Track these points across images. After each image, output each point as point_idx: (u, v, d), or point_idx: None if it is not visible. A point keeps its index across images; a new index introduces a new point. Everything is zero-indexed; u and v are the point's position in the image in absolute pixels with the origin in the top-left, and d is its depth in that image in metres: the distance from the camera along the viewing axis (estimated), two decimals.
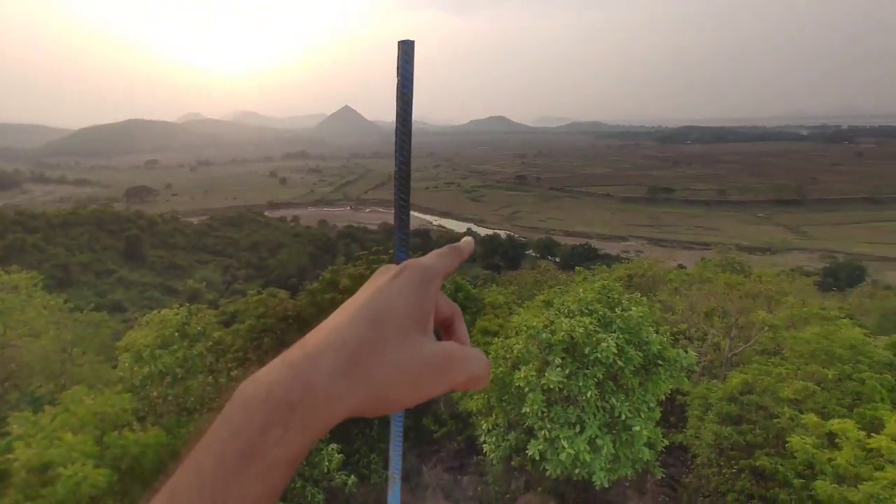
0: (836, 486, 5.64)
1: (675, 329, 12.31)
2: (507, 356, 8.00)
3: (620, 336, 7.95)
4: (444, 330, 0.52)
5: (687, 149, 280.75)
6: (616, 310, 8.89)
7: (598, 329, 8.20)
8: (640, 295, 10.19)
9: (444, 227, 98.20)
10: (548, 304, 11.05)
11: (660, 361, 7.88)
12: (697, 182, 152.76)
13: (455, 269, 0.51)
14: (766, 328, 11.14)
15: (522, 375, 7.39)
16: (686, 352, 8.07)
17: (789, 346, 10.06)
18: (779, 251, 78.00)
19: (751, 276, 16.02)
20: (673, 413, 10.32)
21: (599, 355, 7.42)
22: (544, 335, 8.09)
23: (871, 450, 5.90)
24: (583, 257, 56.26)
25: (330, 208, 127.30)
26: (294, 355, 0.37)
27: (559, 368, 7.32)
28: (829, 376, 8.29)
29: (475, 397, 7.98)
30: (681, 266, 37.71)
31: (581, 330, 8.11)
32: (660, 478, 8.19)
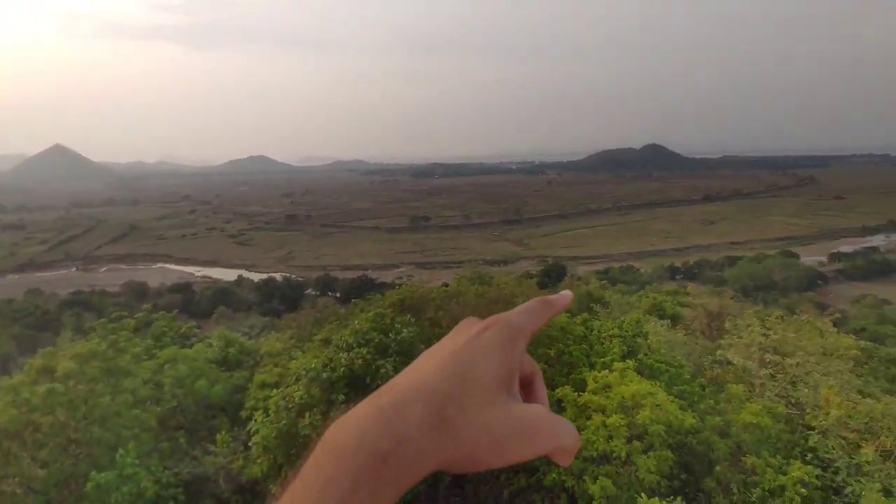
0: None
1: None
2: (290, 406, 7.50)
3: (397, 359, 8.37)
4: (523, 389, 0.48)
5: (435, 182, 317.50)
6: (390, 335, 9.32)
7: (375, 357, 8.46)
8: (409, 317, 10.93)
9: (210, 277, 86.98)
10: (326, 341, 10.86)
11: None
12: (447, 210, 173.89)
13: (543, 324, 0.48)
14: None
15: (308, 422, 7.02)
16: None
17: None
18: (511, 261, 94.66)
19: (493, 285, 18.95)
20: None
21: (379, 382, 7.65)
22: (325, 374, 7.90)
23: (582, 405, 7.58)
24: (362, 289, 57.35)
25: (45, 272, 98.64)
26: (383, 402, 0.36)
27: (343, 405, 7.23)
28: (552, 354, 10.38)
29: (259, 461, 7.17)
30: (444, 284, 41.97)
31: (360, 361, 8.22)
32: (448, 481, 8.80)
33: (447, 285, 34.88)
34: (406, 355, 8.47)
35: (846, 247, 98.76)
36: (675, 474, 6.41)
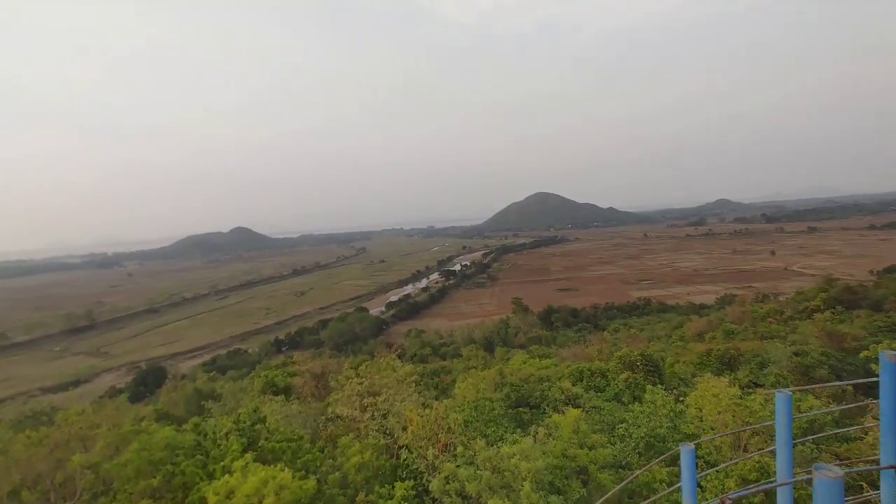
0: None
1: None
2: None
3: None
4: None
5: None
6: None
7: None
8: None
9: None
10: None
11: None
12: None
13: None
14: (87, 470, 9.71)
15: None
16: None
17: (116, 476, 9.22)
18: (87, 380, 71.43)
19: (56, 422, 13.55)
20: None
21: None
22: None
23: None
24: None
25: None
26: None
27: None
28: (156, 483, 8.25)
29: None
30: None
31: None
32: None
33: None
34: None
35: (393, 296, 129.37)
36: None
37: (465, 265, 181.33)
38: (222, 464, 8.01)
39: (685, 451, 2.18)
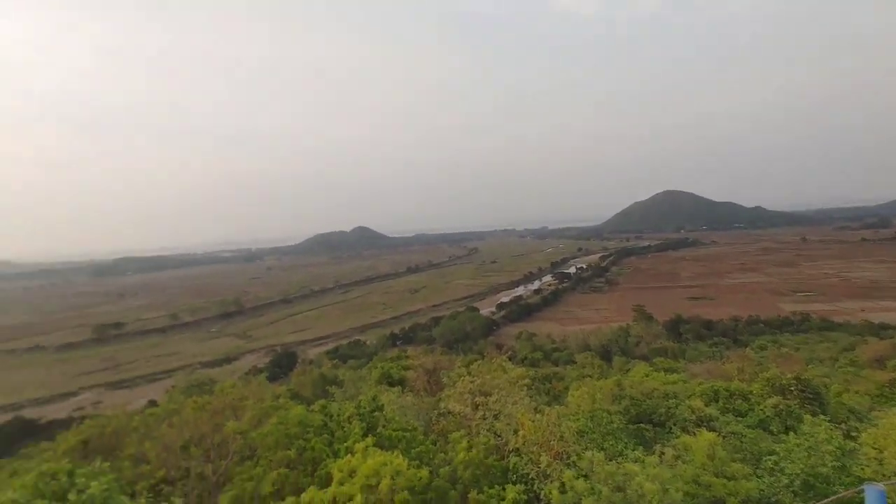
0: None
1: (153, 480, 10.55)
2: None
3: None
4: None
5: (128, 280, 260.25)
6: (70, 496, 6.66)
7: None
8: (101, 460, 8.15)
9: None
10: None
11: None
12: (148, 311, 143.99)
13: None
14: (238, 436, 11.45)
15: None
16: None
17: (259, 444, 10.71)
18: (235, 358, 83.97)
19: (215, 392, 16.21)
20: None
21: None
22: None
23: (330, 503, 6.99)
24: (11, 440, 39.45)
25: None
26: None
27: None
28: (293, 455, 9.39)
29: None
30: (152, 402, 33.66)
31: None
32: None
33: (156, 403, 28.03)
34: None
35: (504, 297, 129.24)
36: None
37: (581, 268, 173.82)
38: (346, 444, 8.84)
39: (871, 492, 1.83)
